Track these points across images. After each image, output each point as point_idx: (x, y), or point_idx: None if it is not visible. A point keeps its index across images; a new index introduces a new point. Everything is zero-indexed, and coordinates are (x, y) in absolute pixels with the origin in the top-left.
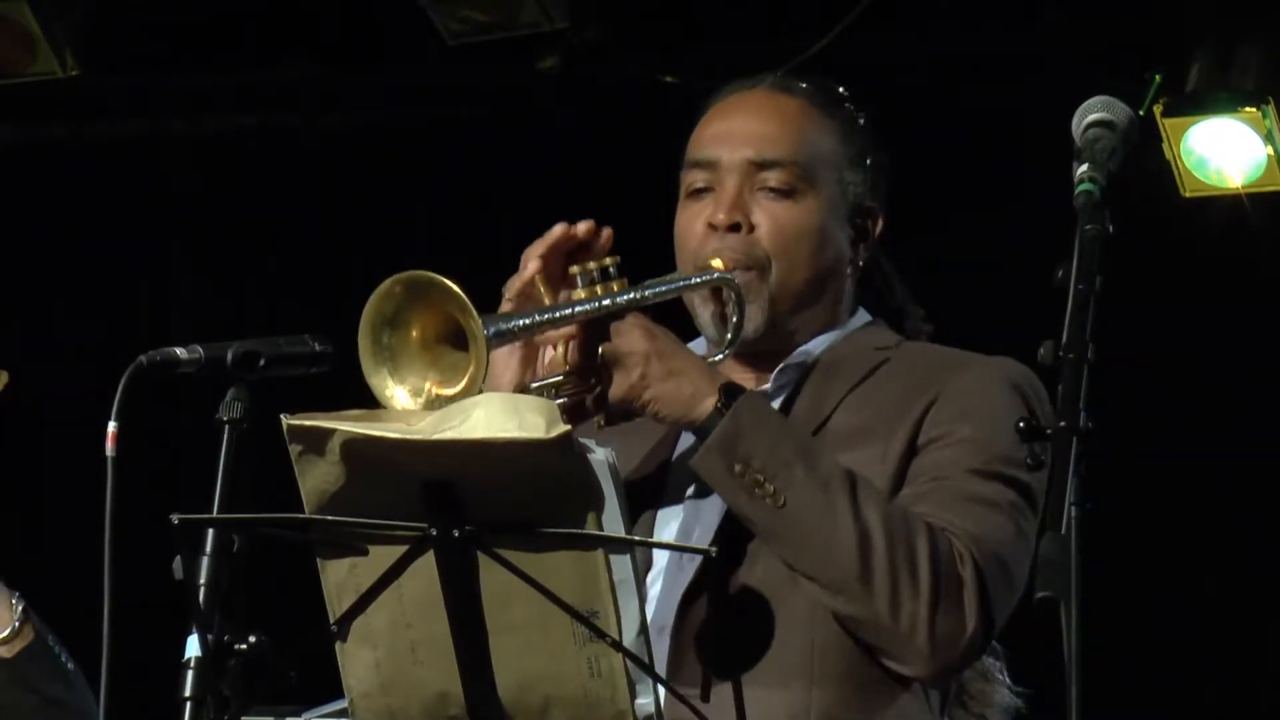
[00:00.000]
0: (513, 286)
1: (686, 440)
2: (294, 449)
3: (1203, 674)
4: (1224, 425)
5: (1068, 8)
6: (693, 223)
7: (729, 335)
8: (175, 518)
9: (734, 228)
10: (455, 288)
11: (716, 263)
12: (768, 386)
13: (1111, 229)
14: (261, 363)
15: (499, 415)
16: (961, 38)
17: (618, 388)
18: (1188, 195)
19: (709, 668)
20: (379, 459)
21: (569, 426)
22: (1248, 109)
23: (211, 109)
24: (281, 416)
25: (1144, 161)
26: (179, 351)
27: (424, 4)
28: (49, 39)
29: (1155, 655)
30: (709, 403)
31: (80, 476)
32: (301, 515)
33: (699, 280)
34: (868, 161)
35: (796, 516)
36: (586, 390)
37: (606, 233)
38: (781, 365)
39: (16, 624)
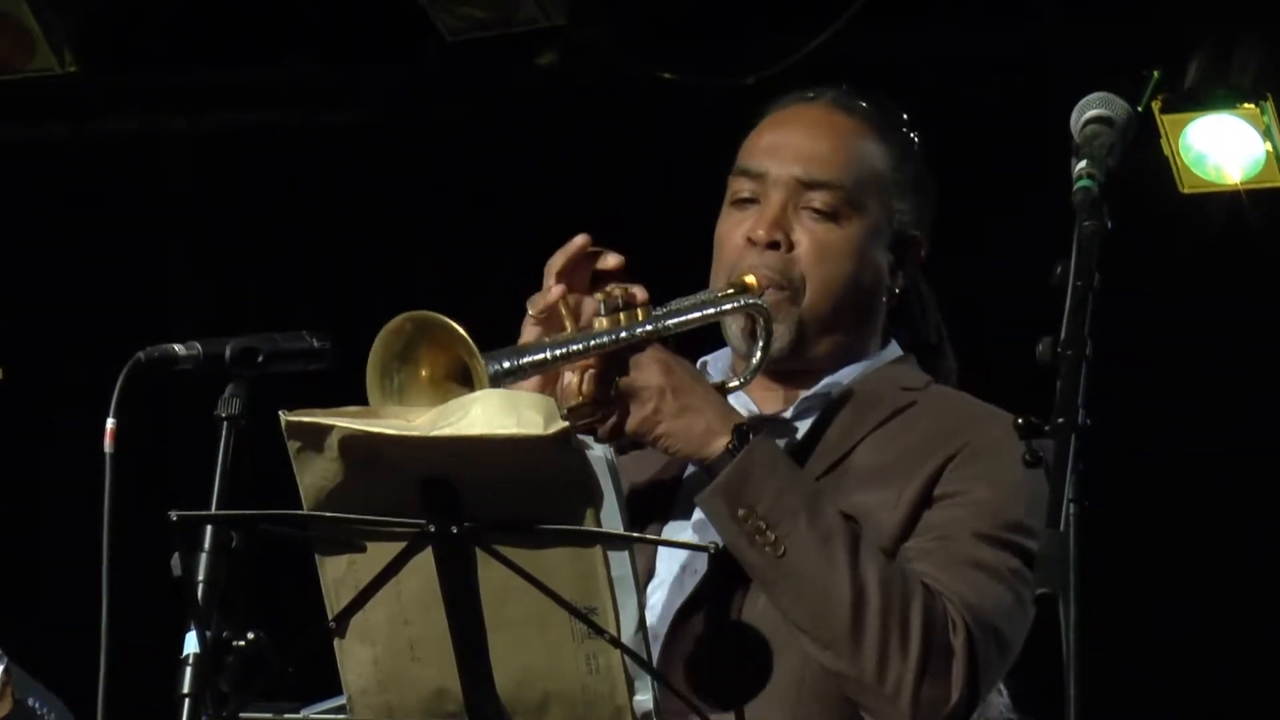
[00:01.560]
0: (536, 304)
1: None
2: (292, 445)
3: (1201, 671)
4: (1223, 422)
5: (1067, 5)
6: (733, 232)
7: (755, 359)
8: (173, 514)
9: (773, 245)
10: (461, 331)
11: (750, 279)
12: (788, 413)
13: (1110, 225)
14: (260, 359)
15: (497, 412)
16: (960, 35)
17: (631, 420)
18: (1186, 192)
19: (695, 684)
20: (377, 455)
21: (567, 423)
22: (1246, 105)
23: (210, 107)
24: (280, 413)
25: (1142, 158)
26: (177, 348)
27: (422, 2)
28: (47, 36)
29: (1154, 652)
30: (720, 442)
31: (79, 473)
32: (300, 512)
33: (724, 309)
34: (917, 188)
35: (795, 568)
36: (599, 420)
37: (617, 259)
38: (807, 393)
39: None
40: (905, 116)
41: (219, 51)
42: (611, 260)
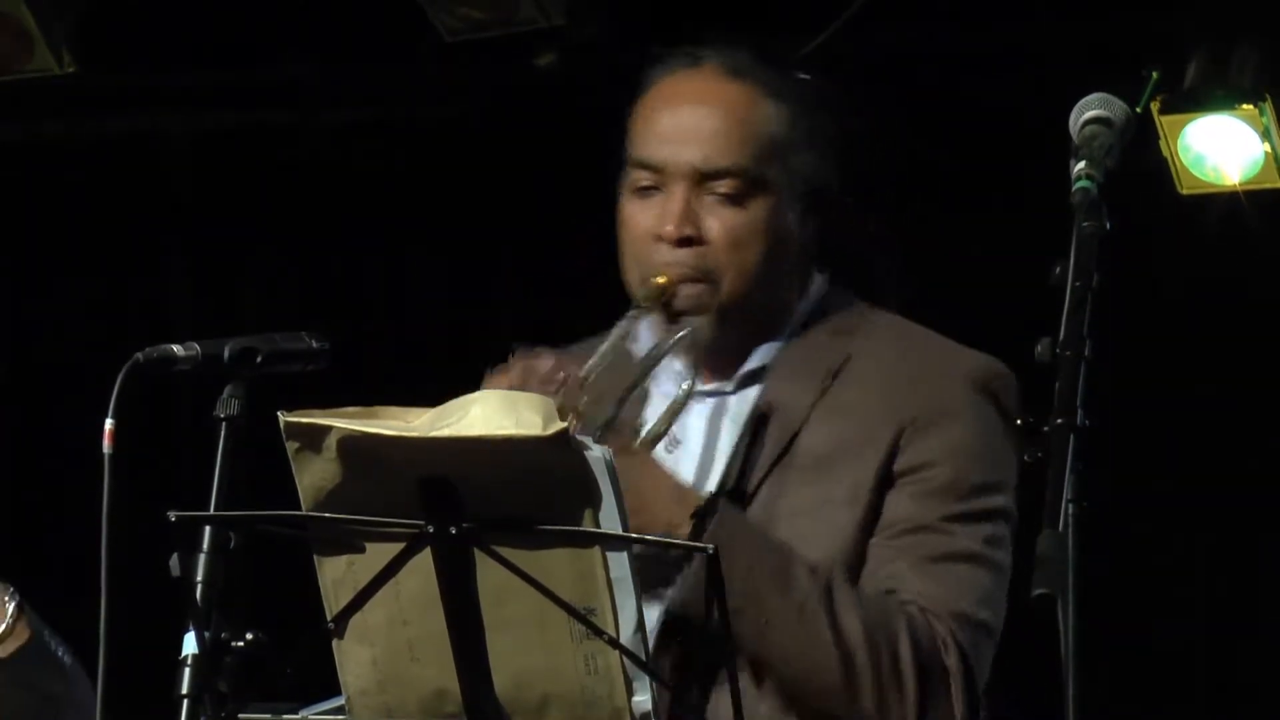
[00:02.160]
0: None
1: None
2: (291, 446)
3: (1200, 671)
4: (1221, 422)
5: (1065, 4)
6: (640, 224)
7: (680, 364)
8: (172, 515)
9: (684, 241)
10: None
11: (661, 279)
12: (729, 386)
13: (1109, 226)
14: (258, 360)
15: (496, 412)
16: (959, 34)
17: None
18: (1185, 192)
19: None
20: (376, 456)
21: (566, 424)
22: (1245, 106)
23: (208, 106)
24: (279, 413)
25: (1141, 158)
26: (176, 349)
27: (421, 1)
28: (46, 36)
29: (1152, 652)
30: (681, 533)
31: (77, 473)
32: (298, 513)
33: (665, 350)
34: (815, 137)
35: (778, 639)
36: None
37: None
38: (745, 367)
39: (10, 621)
40: (790, 60)
41: (217, 52)
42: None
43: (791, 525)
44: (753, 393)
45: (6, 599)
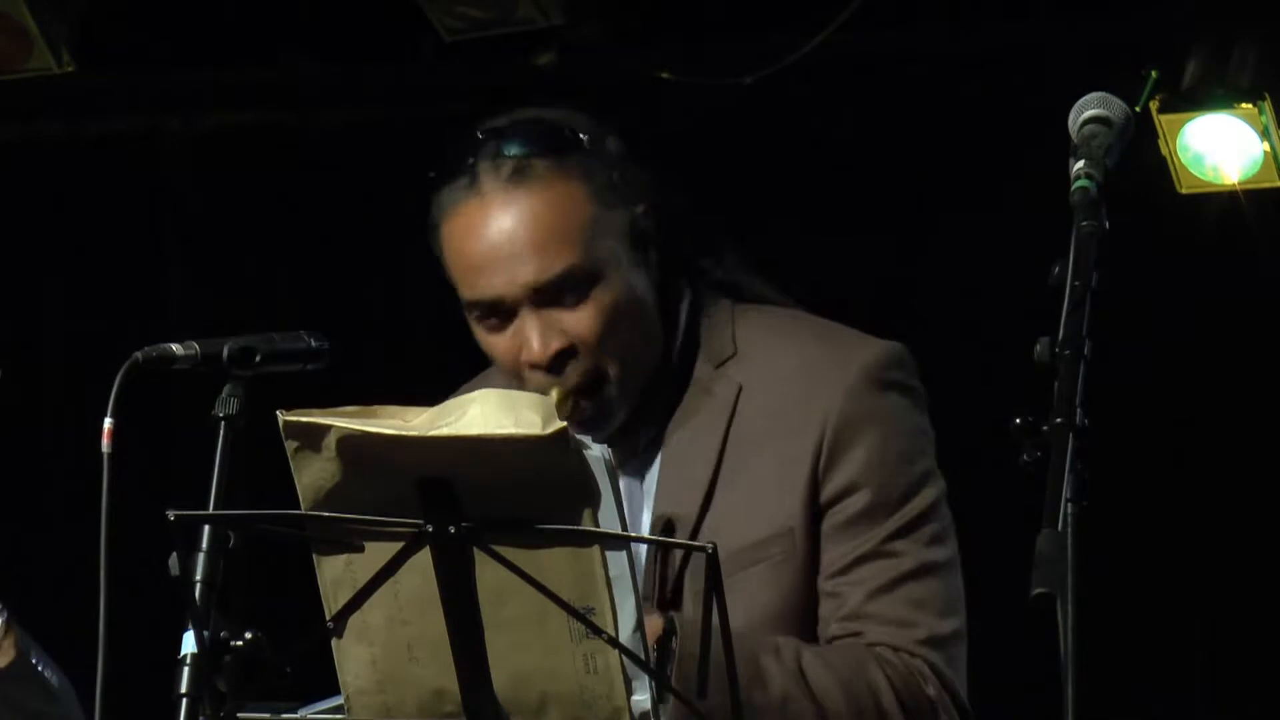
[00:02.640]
0: None
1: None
2: (290, 445)
3: (1199, 671)
4: (1221, 422)
5: (1065, 4)
6: (504, 354)
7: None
8: (171, 514)
9: (555, 359)
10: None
11: (555, 393)
12: (634, 473)
13: (1108, 225)
14: (257, 359)
15: (495, 412)
16: (957, 34)
17: None
18: (1184, 191)
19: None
20: (375, 455)
21: (565, 423)
22: (1244, 105)
23: (207, 106)
24: (278, 413)
25: (1140, 158)
26: (175, 348)
27: (420, 1)
28: (45, 35)
29: (1151, 652)
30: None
31: (76, 473)
32: (297, 512)
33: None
34: (615, 188)
35: None
36: None
37: None
38: (638, 449)
39: None
40: (568, 112)
41: (216, 51)
42: None
43: (733, 586)
44: (657, 455)
45: None
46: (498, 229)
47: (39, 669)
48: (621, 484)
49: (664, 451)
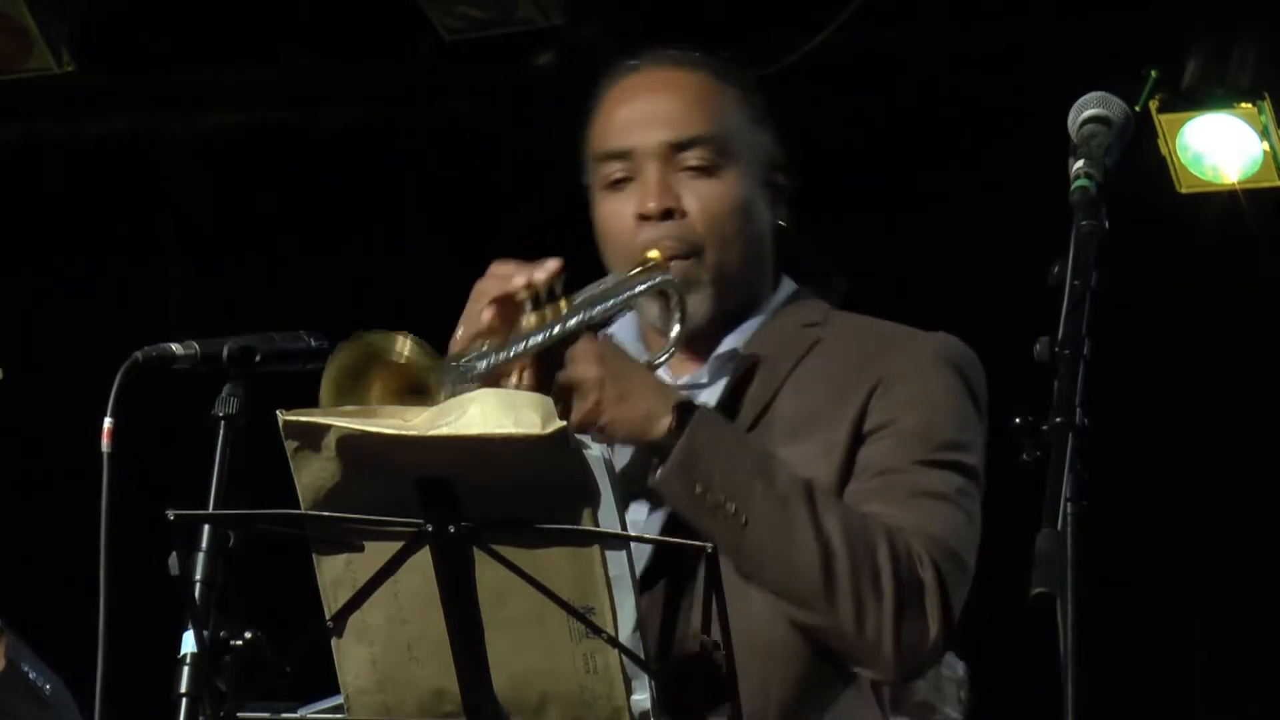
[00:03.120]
0: (469, 326)
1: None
2: (290, 445)
3: (1199, 671)
4: (1220, 421)
5: (1065, 4)
6: (619, 215)
7: (673, 333)
8: (171, 514)
9: (667, 214)
10: (410, 348)
11: (653, 254)
12: (703, 377)
13: (1107, 225)
14: (257, 359)
15: (495, 411)
16: (958, 34)
17: (575, 415)
18: (1184, 191)
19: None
20: (374, 455)
21: (564, 422)
22: (1244, 105)
23: (206, 106)
24: (277, 412)
25: (1140, 157)
26: (175, 347)
27: (420, 1)
28: (45, 35)
29: (1151, 652)
30: (664, 423)
31: (76, 472)
32: (297, 511)
33: (641, 288)
34: (767, 121)
35: (758, 534)
36: None
37: (556, 267)
38: (716, 353)
39: None
40: (732, 57)
41: (216, 51)
42: (545, 276)
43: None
44: (724, 379)
45: None
46: (649, 92)
47: (30, 677)
48: (682, 381)
49: (734, 369)
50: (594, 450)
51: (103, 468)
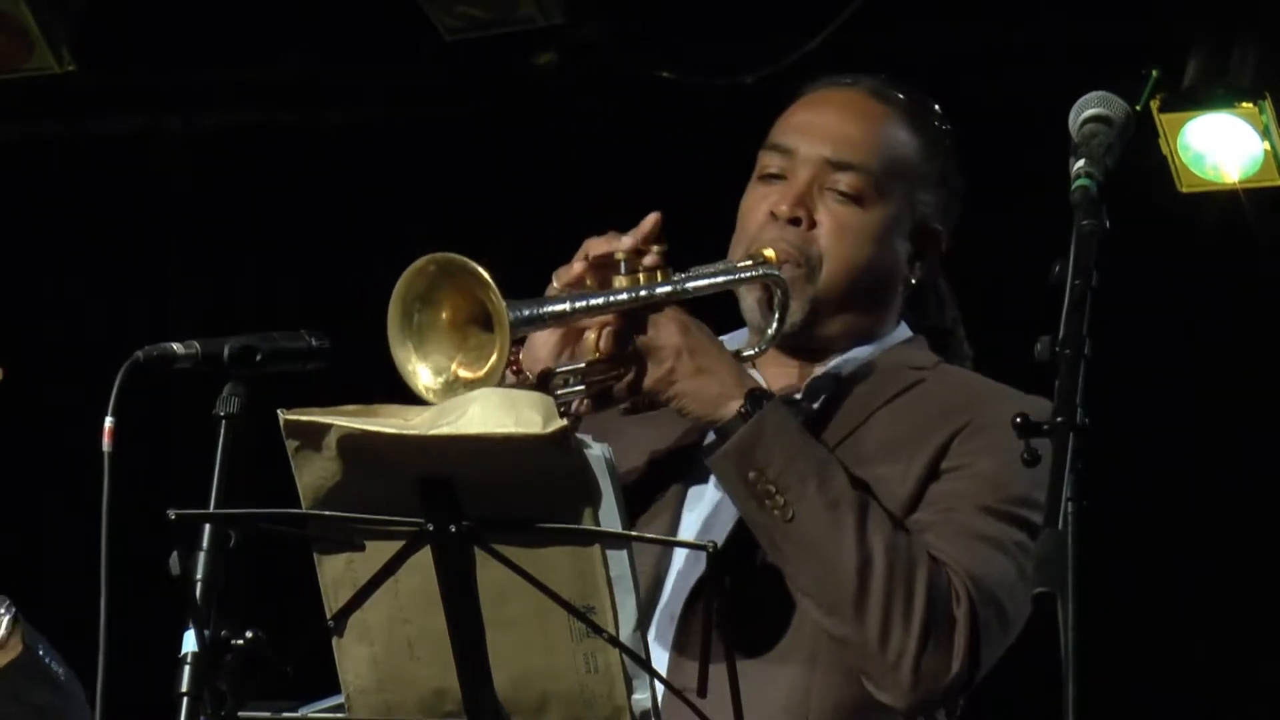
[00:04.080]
0: (563, 277)
1: None
2: (291, 444)
3: (1199, 670)
4: (1221, 421)
5: (1065, 4)
6: (757, 205)
7: (770, 331)
8: (172, 513)
9: (794, 221)
10: (485, 273)
11: (769, 252)
12: (799, 392)
13: (1108, 224)
14: (258, 358)
15: (495, 411)
16: (959, 33)
17: (648, 379)
18: (1184, 191)
19: (707, 657)
20: (375, 454)
21: (565, 422)
22: (1245, 104)
23: (208, 105)
24: (278, 412)
25: (1141, 157)
26: (175, 347)
27: (420, 0)
28: (45, 35)
29: (1152, 651)
30: (733, 405)
31: (77, 472)
32: (298, 511)
33: (743, 276)
34: (943, 182)
35: (802, 531)
36: (614, 378)
37: (655, 219)
38: (818, 372)
39: (5, 634)
40: (940, 111)
41: (216, 50)
42: (648, 230)
43: None
44: (821, 398)
45: (2, 611)
46: (836, 108)
47: (47, 662)
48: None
49: (833, 390)
50: (595, 450)
51: (103, 467)
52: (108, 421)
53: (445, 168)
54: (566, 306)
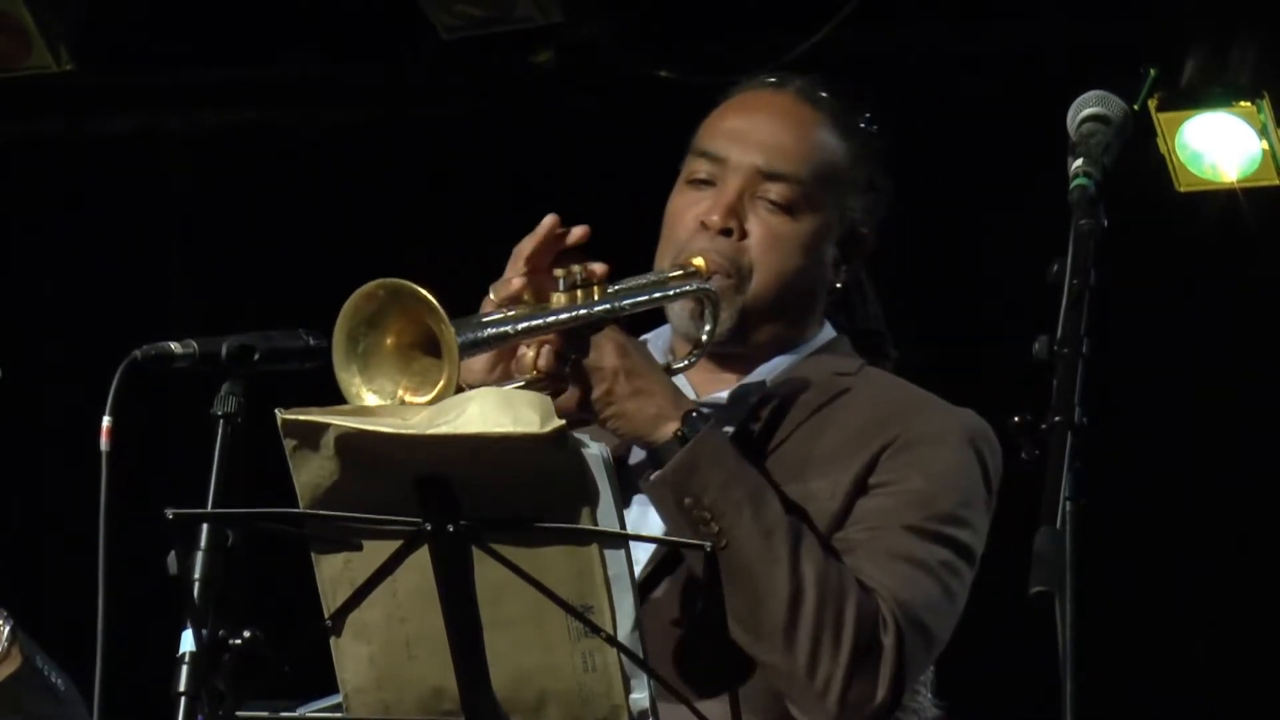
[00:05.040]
0: (500, 291)
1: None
2: (288, 444)
3: (1197, 669)
4: (1219, 420)
5: (1064, 3)
6: (686, 212)
7: (702, 340)
8: (170, 513)
9: (726, 231)
10: (432, 298)
11: (699, 261)
12: (724, 398)
13: (1106, 224)
14: (256, 357)
15: (493, 410)
16: (956, 33)
17: (584, 399)
18: (1182, 190)
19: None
20: (373, 454)
21: (563, 421)
22: (1243, 103)
23: (207, 104)
24: (276, 411)
25: (1139, 156)
26: (174, 346)
27: None
28: (44, 34)
29: (1150, 650)
30: (669, 428)
31: (75, 471)
32: (296, 510)
33: (675, 292)
34: (872, 187)
35: (736, 560)
36: (552, 396)
37: (582, 230)
38: (744, 380)
39: (4, 646)
40: (868, 114)
41: (215, 49)
42: (576, 233)
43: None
44: (747, 406)
45: (1, 622)
46: (768, 113)
47: (45, 673)
48: (702, 399)
49: (757, 400)
50: (593, 449)
51: (101, 466)
52: (105, 421)
53: (444, 167)
54: (510, 329)
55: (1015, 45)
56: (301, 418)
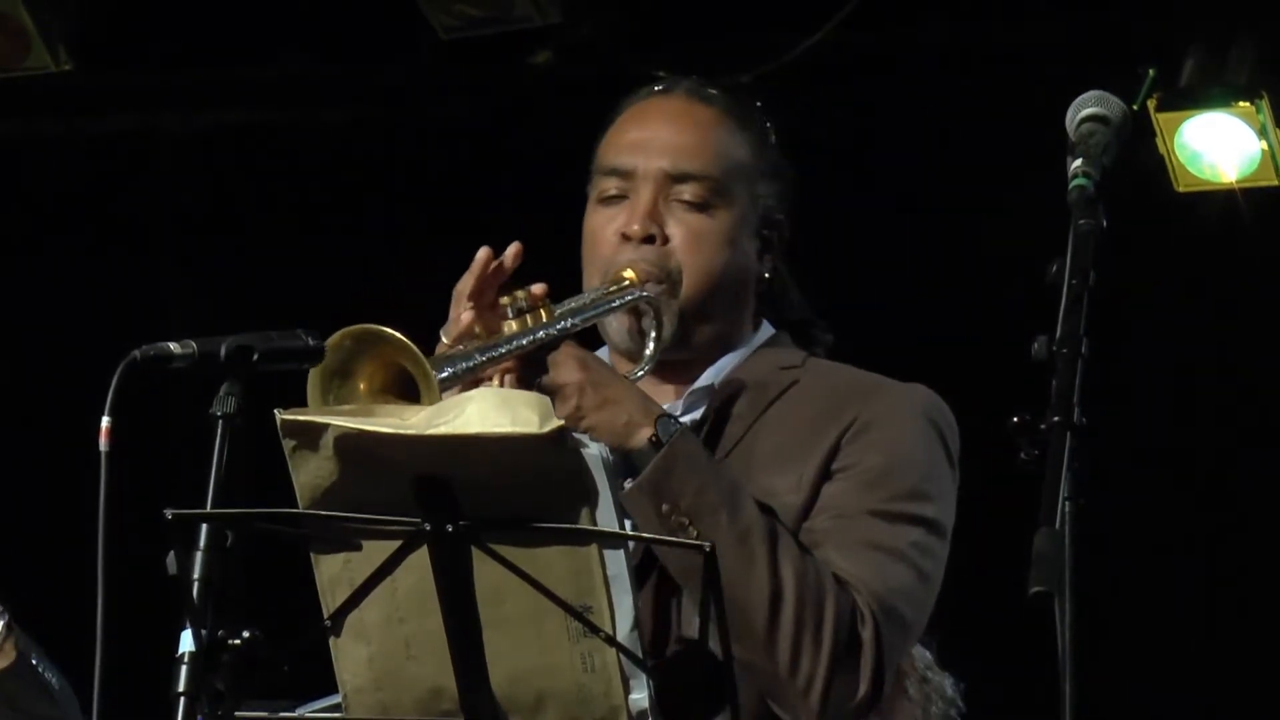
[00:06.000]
0: (451, 333)
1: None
2: (288, 444)
3: (1197, 668)
4: (1218, 420)
5: (1063, 3)
6: (604, 229)
7: (648, 351)
8: (169, 513)
9: (648, 239)
10: (403, 337)
11: (629, 273)
12: (677, 408)
13: (1105, 224)
14: (255, 357)
15: (493, 410)
16: (955, 32)
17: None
18: (1181, 190)
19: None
20: (372, 454)
21: (562, 421)
22: (1242, 103)
23: (204, 105)
24: (275, 412)
25: (1138, 156)
26: (172, 346)
27: None
28: (42, 34)
29: (1150, 650)
30: (643, 434)
31: (74, 472)
32: (295, 510)
33: (619, 303)
34: (777, 174)
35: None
36: None
37: (515, 250)
38: (692, 387)
39: None
40: (759, 104)
41: (213, 50)
42: (511, 257)
43: None
44: (699, 411)
45: None
46: (664, 119)
47: (39, 670)
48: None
49: (709, 403)
50: (592, 449)
51: (100, 467)
52: (104, 421)
53: (443, 167)
54: (479, 359)
55: (1015, 45)
56: (301, 418)
